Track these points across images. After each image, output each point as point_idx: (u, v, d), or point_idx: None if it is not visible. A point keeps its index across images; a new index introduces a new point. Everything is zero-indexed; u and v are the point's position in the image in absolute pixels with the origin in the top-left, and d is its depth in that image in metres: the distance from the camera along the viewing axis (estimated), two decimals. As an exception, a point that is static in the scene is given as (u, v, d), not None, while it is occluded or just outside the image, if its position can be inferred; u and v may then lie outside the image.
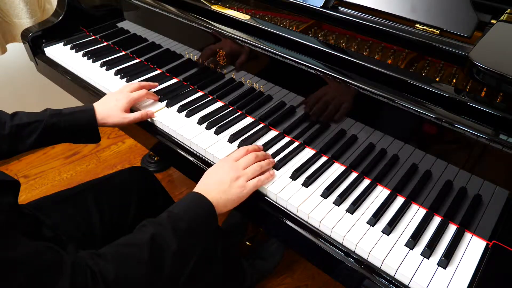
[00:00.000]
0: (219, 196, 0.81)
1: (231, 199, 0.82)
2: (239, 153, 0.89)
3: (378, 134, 0.85)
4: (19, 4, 1.62)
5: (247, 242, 1.54)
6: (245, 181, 0.84)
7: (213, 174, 0.86)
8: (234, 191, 0.82)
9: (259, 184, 0.85)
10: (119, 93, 1.07)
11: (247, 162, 0.87)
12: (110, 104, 1.04)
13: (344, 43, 0.96)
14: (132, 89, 1.08)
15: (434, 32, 0.84)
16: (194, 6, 1.10)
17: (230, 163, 0.87)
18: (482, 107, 0.70)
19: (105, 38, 1.44)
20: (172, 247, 0.71)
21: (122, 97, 1.05)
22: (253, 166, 0.86)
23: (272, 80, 0.98)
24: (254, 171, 0.85)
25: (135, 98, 1.07)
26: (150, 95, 1.12)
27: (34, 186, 1.92)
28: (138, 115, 1.05)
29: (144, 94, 1.09)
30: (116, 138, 2.18)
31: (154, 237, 0.71)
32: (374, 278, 0.73)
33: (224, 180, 0.83)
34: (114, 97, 1.06)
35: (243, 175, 0.84)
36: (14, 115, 0.95)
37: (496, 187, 0.73)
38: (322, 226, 0.80)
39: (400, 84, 0.78)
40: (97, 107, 1.02)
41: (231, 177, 0.83)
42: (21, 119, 0.94)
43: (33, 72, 1.55)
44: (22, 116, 0.94)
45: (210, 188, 0.82)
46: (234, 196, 0.82)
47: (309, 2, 0.99)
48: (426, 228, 0.79)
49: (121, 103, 1.04)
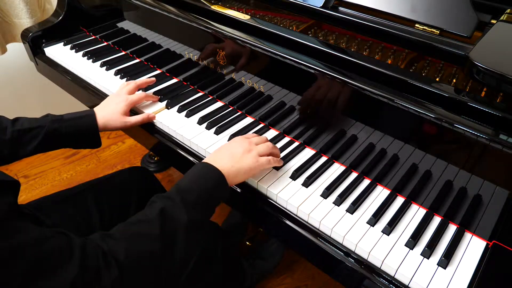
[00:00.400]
0: (230, 165, 0.79)
1: (242, 169, 0.81)
2: (250, 134, 0.89)
3: (378, 134, 0.85)
4: (19, 4, 1.62)
5: (247, 242, 1.54)
6: (257, 154, 0.83)
7: (225, 147, 0.85)
8: (246, 161, 0.81)
9: (271, 162, 0.85)
10: (118, 96, 1.07)
11: (260, 140, 0.87)
12: (110, 108, 1.03)
13: (344, 43, 0.96)
14: (129, 90, 1.08)
15: (434, 32, 0.84)
16: (194, 6, 1.10)
17: (242, 139, 0.87)
18: (482, 107, 0.70)
19: (105, 38, 1.44)
20: (182, 220, 0.70)
21: (122, 100, 1.04)
22: (266, 143, 0.87)
23: (272, 80, 0.98)
24: (266, 147, 0.85)
25: (134, 101, 1.07)
26: (150, 97, 1.12)
27: (34, 186, 1.92)
28: (139, 119, 1.05)
29: (143, 96, 1.09)
30: (116, 138, 2.18)
31: (163, 211, 0.70)
32: (374, 278, 0.73)
33: (236, 151, 0.82)
34: (114, 101, 1.05)
35: (255, 149, 0.84)
36: (15, 121, 0.94)
37: (496, 187, 0.73)
38: (322, 226, 0.80)
39: (400, 84, 0.78)
40: (98, 112, 1.01)
41: (244, 148, 0.83)
42: (23, 124, 0.93)
43: (33, 72, 1.55)
44: (23, 122, 0.94)
45: (221, 158, 0.81)
46: (246, 166, 0.81)
47: (309, 2, 0.99)
48: (426, 228, 0.79)
49: (121, 107, 1.03)
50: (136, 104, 1.09)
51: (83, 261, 0.60)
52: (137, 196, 1.08)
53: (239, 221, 1.60)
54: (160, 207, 0.70)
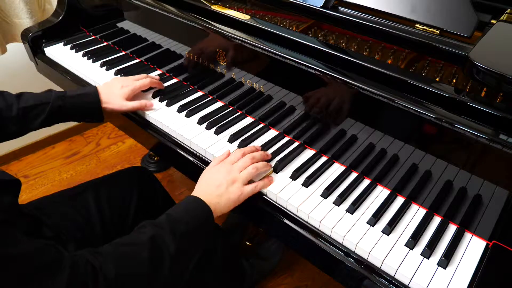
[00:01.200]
0: (216, 200, 0.81)
1: (227, 203, 0.82)
2: (235, 156, 0.89)
3: (378, 134, 0.85)
4: (19, 4, 1.62)
5: (247, 242, 1.54)
6: (241, 184, 0.84)
7: (211, 178, 0.86)
8: (231, 196, 0.83)
9: (256, 190, 0.86)
10: (125, 79, 1.10)
11: (243, 165, 0.87)
12: (114, 89, 1.06)
13: (344, 43, 0.96)
14: (137, 78, 1.11)
15: (434, 32, 0.84)
16: (194, 6, 1.10)
17: (227, 166, 0.87)
18: (482, 107, 0.70)
19: (105, 38, 1.44)
20: (170, 249, 0.71)
21: (127, 84, 1.07)
22: (248, 169, 0.86)
23: (272, 80, 0.98)
24: (248, 175, 0.85)
25: (138, 87, 1.09)
26: (155, 83, 1.13)
27: (34, 186, 1.93)
28: (136, 104, 1.06)
29: (147, 82, 1.11)
30: (116, 138, 2.18)
31: (153, 238, 0.71)
32: (374, 278, 0.73)
33: (221, 184, 0.83)
34: (120, 84, 1.08)
35: (239, 179, 0.84)
36: (20, 96, 0.98)
37: (496, 187, 0.73)
38: (322, 226, 0.80)
39: (400, 84, 0.78)
40: (101, 90, 1.04)
41: (227, 180, 0.84)
42: (27, 101, 0.97)
43: (33, 72, 1.55)
44: (28, 98, 0.98)
45: (208, 191, 0.83)
46: (230, 201, 0.83)
47: (309, 2, 0.99)
48: (426, 228, 0.79)
49: (125, 91, 1.06)
50: (140, 89, 1.10)
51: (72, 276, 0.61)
52: (137, 196, 1.08)
53: (239, 221, 1.60)
54: (150, 233, 0.72)
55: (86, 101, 1.03)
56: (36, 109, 0.97)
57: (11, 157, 2.04)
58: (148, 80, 1.11)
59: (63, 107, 0.99)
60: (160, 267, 0.70)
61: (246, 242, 1.54)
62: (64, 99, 1.00)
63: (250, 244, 1.54)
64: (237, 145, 0.98)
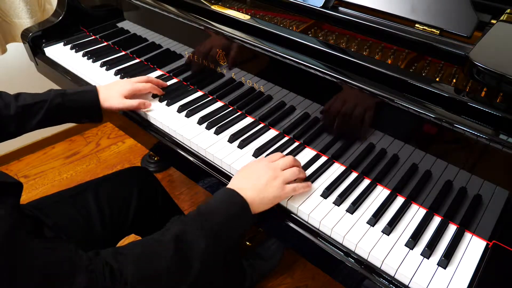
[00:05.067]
0: (255, 194, 0.76)
1: (267, 198, 0.77)
2: (275, 156, 0.86)
3: (378, 134, 0.85)
4: (19, 4, 1.62)
5: (247, 242, 1.54)
6: (283, 182, 0.79)
7: (249, 172, 0.81)
8: (272, 190, 0.78)
9: (297, 190, 0.81)
10: (126, 81, 1.10)
11: (285, 164, 0.83)
12: (113, 89, 1.06)
13: (344, 43, 0.96)
14: (139, 80, 1.11)
15: (434, 32, 0.84)
16: (194, 6, 1.10)
17: (267, 162, 0.83)
18: (482, 107, 0.70)
19: (105, 38, 1.44)
20: (200, 246, 0.68)
21: (127, 84, 1.07)
22: (292, 169, 0.82)
23: (272, 80, 0.98)
24: (292, 173, 0.81)
25: (139, 88, 1.08)
26: (155, 90, 1.13)
27: (34, 186, 1.93)
28: (135, 103, 1.06)
29: (148, 87, 1.11)
30: (116, 138, 2.18)
31: (180, 235, 0.68)
32: (374, 278, 0.73)
33: (261, 178, 0.78)
34: (120, 84, 1.08)
35: (281, 176, 0.80)
36: (18, 96, 0.97)
37: (496, 187, 0.73)
38: (322, 226, 0.80)
39: (400, 84, 0.78)
40: (100, 89, 1.04)
41: (269, 175, 0.79)
42: (26, 99, 0.97)
43: (33, 72, 1.55)
44: (26, 97, 0.97)
45: (245, 184, 0.78)
46: (270, 196, 0.77)
47: (309, 2, 0.99)
48: (426, 228, 0.79)
49: (124, 89, 1.06)
50: (140, 92, 1.10)
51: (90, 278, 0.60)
52: (137, 196, 1.08)
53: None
54: (176, 229, 0.69)
55: (84, 99, 1.02)
56: (34, 107, 0.96)
57: (11, 157, 2.04)
58: (149, 85, 1.10)
59: (62, 105, 0.98)
60: (188, 264, 0.67)
61: (246, 242, 1.54)
62: (63, 97, 0.99)
63: (250, 244, 1.54)
64: (237, 145, 0.98)
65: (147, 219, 1.11)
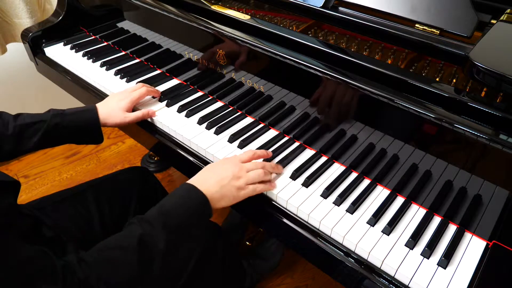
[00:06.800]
0: (215, 189, 0.78)
1: (226, 196, 0.80)
2: (246, 155, 0.87)
3: (378, 134, 0.85)
4: (19, 4, 1.62)
5: (247, 242, 1.54)
6: (245, 183, 0.82)
7: (214, 168, 0.84)
8: (232, 190, 0.80)
9: (257, 191, 0.84)
10: (121, 93, 1.08)
11: (253, 166, 0.84)
12: (111, 104, 1.04)
13: (344, 43, 0.96)
14: (133, 89, 1.09)
15: (434, 32, 0.84)
16: (194, 6, 1.10)
17: (234, 161, 0.85)
18: (482, 107, 0.70)
19: (105, 38, 1.44)
20: (160, 245, 0.69)
21: (124, 97, 1.05)
22: (257, 171, 0.84)
23: (272, 80, 0.98)
24: (256, 176, 0.83)
25: (136, 98, 1.07)
26: (152, 92, 1.12)
27: (34, 186, 1.92)
28: (139, 114, 1.05)
29: (144, 92, 1.09)
30: (116, 138, 2.18)
31: (142, 237, 0.69)
32: (374, 278, 0.73)
33: (223, 176, 0.80)
34: (116, 98, 1.06)
35: (245, 177, 0.82)
36: (17, 116, 0.95)
37: (496, 187, 0.73)
38: (322, 226, 0.80)
39: (400, 84, 0.78)
40: (99, 107, 1.02)
41: (232, 174, 0.81)
42: (24, 119, 0.94)
43: (33, 72, 1.55)
44: (25, 117, 0.95)
45: (207, 180, 0.80)
46: (230, 195, 0.80)
47: (309, 2, 0.99)
48: (426, 228, 0.79)
49: (123, 104, 1.04)
50: (138, 100, 1.08)
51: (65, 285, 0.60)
52: (137, 196, 1.08)
53: (239, 221, 1.60)
54: (139, 232, 0.69)
55: (84, 118, 0.99)
56: (33, 127, 0.94)
57: (11, 157, 2.04)
58: (145, 89, 1.09)
59: (60, 124, 0.95)
60: (150, 266, 0.68)
61: (246, 242, 1.54)
62: (62, 117, 0.96)
63: (250, 244, 1.54)
64: (237, 145, 0.98)
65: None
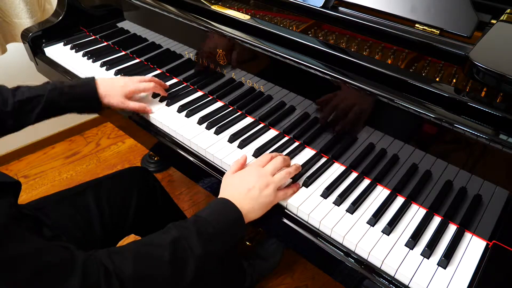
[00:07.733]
0: (250, 204, 0.78)
1: (258, 208, 0.79)
2: (263, 160, 0.86)
3: (378, 134, 0.85)
4: (19, 4, 1.62)
5: (247, 242, 1.54)
6: (274, 189, 0.81)
7: (241, 180, 0.82)
8: (263, 200, 0.79)
9: (287, 196, 0.84)
10: (129, 79, 1.09)
11: (275, 167, 0.84)
12: (115, 84, 1.05)
13: (344, 43, 0.96)
14: (142, 80, 1.10)
15: (434, 32, 0.84)
16: (194, 6, 1.10)
17: (258, 169, 0.84)
18: (482, 107, 0.70)
19: (105, 38, 1.44)
20: (197, 252, 0.69)
21: (130, 84, 1.06)
22: (282, 173, 0.83)
23: (272, 80, 0.98)
24: (283, 178, 0.83)
25: (141, 89, 1.07)
26: (158, 90, 1.12)
27: (34, 186, 1.93)
28: (136, 106, 1.06)
29: (151, 87, 1.09)
30: (116, 138, 2.18)
31: (177, 239, 0.69)
32: (374, 278, 0.73)
33: (253, 187, 0.80)
34: (123, 81, 1.07)
35: (272, 183, 0.81)
36: (16, 90, 0.98)
37: (496, 187, 0.73)
38: (322, 226, 0.80)
39: (400, 84, 0.78)
40: (100, 83, 1.03)
41: (260, 184, 0.80)
42: (23, 94, 0.97)
43: (33, 72, 1.55)
44: (24, 91, 0.98)
45: (238, 194, 0.79)
46: (262, 205, 0.80)
47: (309, 2, 0.99)
48: (426, 228, 0.79)
49: (126, 89, 1.05)
50: (142, 92, 1.09)
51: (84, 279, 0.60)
52: (137, 196, 1.08)
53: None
54: (174, 234, 0.70)
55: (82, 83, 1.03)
56: (32, 102, 0.97)
57: (11, 157, 2.04)
58: (152, 85, 1.09)
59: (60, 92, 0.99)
60: (183, 269, 0.68)
61: (246, 242, 1.54)
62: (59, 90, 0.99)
63: (250, 244, 1.54)
64: (237, 145, 0.98)
65: (147, 219, 1.11)
